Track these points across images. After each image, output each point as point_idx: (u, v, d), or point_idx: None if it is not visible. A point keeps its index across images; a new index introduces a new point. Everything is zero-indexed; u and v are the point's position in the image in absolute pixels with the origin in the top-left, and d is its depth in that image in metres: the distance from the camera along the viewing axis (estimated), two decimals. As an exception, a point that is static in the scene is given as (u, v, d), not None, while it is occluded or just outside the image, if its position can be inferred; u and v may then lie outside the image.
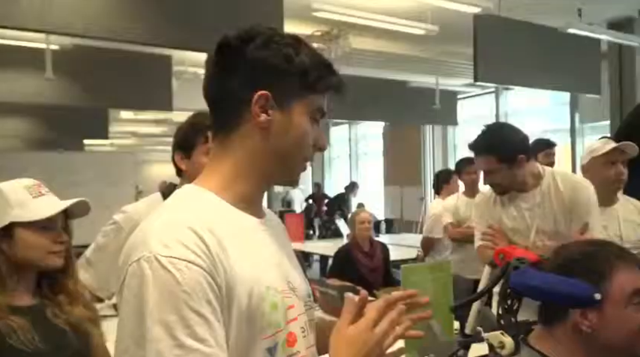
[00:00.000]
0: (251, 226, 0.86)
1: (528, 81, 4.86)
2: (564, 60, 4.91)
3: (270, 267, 0.85)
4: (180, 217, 0.79)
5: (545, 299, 1.11)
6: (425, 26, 4.50)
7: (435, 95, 6.60)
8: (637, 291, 1.06)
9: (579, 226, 2.03)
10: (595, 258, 1.08)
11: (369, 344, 0.81)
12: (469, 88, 7.84)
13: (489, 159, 2.09)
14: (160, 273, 0.72)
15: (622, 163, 2.41)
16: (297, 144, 0.87)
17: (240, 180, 0.87)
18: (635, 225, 2.48)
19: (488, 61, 4.33)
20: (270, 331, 0.80)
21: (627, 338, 1.06)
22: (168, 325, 0.70)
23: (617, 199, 2.51)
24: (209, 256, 0.75)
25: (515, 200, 2.14)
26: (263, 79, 0.84)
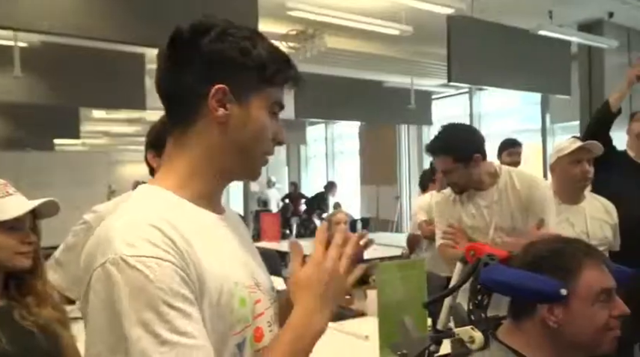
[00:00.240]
0: (212, 223, 0.86)
1: (501, 82, 4.94)
2: (535, 61, 5.01)
3: (236, 263, 0.85)
4: (141, 216, 0.77)
5: (514, 294, 1.13)
6: (399, 26, 4.54)
7: (410, 95, 6.66)
8: (604, 290, 1.09)
9: (535, 223, 2.09)
10: (563, 255, 1.11)
11: (324, 274, 0.84)
12: (443, 89, 7.93)
13: (446, 159, 2.15)
14: (129, 273, 0.70)
15: (588, 162, 2.48)
16: (256, 138, 0.86)
17: (198, 177, 0.85)
18: (602, 222, 2.55)
19: (461, 61, 4.39)
20: (240, 327, 0.80)
21: (592, 334, 1.09)
22: (147, 323, 0.69)
23: (584, 197, 2.58)
24: (177, 252, 0.74)
25: (473, 198, 2.20)
26: (219, 72, 0.83)
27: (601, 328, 1.09)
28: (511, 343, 1.15)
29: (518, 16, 4.76)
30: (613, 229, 2.54)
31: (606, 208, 2.60)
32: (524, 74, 4.97)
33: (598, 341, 1.10)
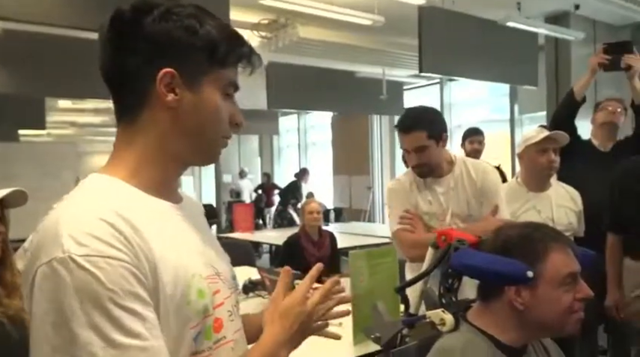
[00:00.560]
0: (166, 212, 0.82)
1: (470, 72, 5.02)
2: (504, 52, 5.10)
3: (193, 253, 0.81)
4: (90, 208, 0.72)
5: (483, 277, 1.17)
6: (371, 17, 4.55)
7: (382, 85, 6.70)
8: (570, 274, 1.13)
9: (489, 209, 2.17)
10: (532, 240, 1.15)
11: (302, 316, 0.86)
12: (415, 79, 8.00)
13: (420, 135, 2.16)
14: (79, 274, 0.67)
15: (554, 151, 2.56)
16: (210, 122, 0.83)
17: (150, 165, 0.82)
18: (567, 209, 2.64)
19: (432, 52, 4.43)
20: (197, 319, 0.78)
21: (557, 316, 1.14)
22: (97, 326, 0.66)
23: (550, 185, 2.66)
24: (129, 247, 0.70)
25: (430, 185, 2.24)
26: (166, 55, 0.78)
27: (565, 310, 1.13)
28: (480, 324, 1.19)
29: (487, 7, 4.83)
30: (577, 216, 2.63)
31: (571, 195, 2.68)
32: (493, 65, 5.06)
33: (562, 323, 1.15)
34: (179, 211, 0.85)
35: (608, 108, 3.09)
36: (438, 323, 1.16)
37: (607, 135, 3.09)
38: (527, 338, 1.20)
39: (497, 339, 1.17)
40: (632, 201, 2.53)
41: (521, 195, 2.62)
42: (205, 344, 0.79)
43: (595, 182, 2.77)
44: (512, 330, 1.17)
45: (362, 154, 9.09)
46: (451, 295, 1.19)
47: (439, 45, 4.49)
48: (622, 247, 2.57)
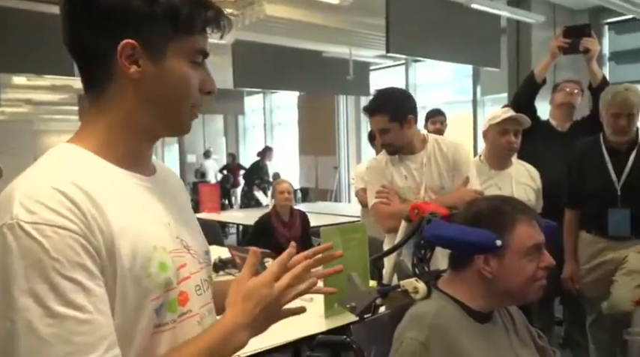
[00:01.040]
0: (134, 185, 0.81)
1: (436, 54, 5.09)
2: (468, 34, 5.18)
3: (158, 226, 0.81)
4: (46, 178, 0.72)
5: (455, 247, 1.24)
6: (339, -4, 4.56)
7: (349, 66, 6.72)
8: (535, 244, 1.21)
9: (461, 181, 2.31)
10: (501, 212, 1.22)
11: (267, 299, 0.80)
12: (381, 60, 8.04)
13: (382, 118, 2.30)
14: (25, 241, 0.67)
15: (514, 133, 2.68)
16: (177, 92, 0.81)
17: (120, 138, 0.81)
18: (526, 186, 2.76)
19: (399, 33, 4.47)
20: (159, 291, 0.77)
21: (522, 284, 1.22)
22: (37, 294, 0.66)
23: (511, 163, 2.78)
24: (81, 218, 0.70)
25: (404, 162, 2.38)
26: (125, 26, 0.76)
27: (530, 278, 1.22)
28: (450, 292, 1.27)
29: (452, -11, 4.89)
30: (536, 193, 2.76)
31: (531, 173, 2.81)
32: (457, 47, 5.14)
33: (527, 290, 1.23)
34: (149, 184, 0.84)
35: (566, 89, 3.22)
36: (412, 291, 1.23)
37: (564, 115, 3.22)
38: (494, 305, 1.28)
39: (466, 305, 1.24)
40: (587, 178, 2.67)
41: (484, 172, 2.73)
42: (169, 317, 0.79)
43: (553, 160, 2.90)
44: (480, 297, 1.25)
45: (328, 134, 9.13)
46: (424, 265, 1.26)
47: (406, 26, 4.53)
48: (578, 222, 2.71)
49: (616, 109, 2.51)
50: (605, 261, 2.60)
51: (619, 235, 2.55)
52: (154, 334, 0.78)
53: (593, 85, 3.11)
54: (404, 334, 1.18)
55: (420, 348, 1.14)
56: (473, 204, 1.28)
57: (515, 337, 1.30)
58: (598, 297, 2.60)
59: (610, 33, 6.18)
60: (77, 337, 0.67)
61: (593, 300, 2.67)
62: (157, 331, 0.78)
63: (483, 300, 1.25)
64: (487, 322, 1.26)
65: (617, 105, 2.50)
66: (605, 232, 2.58)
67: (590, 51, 3.13)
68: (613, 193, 2.56)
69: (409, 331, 1.18)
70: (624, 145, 2.57)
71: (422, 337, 1.15)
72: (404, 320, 1.22)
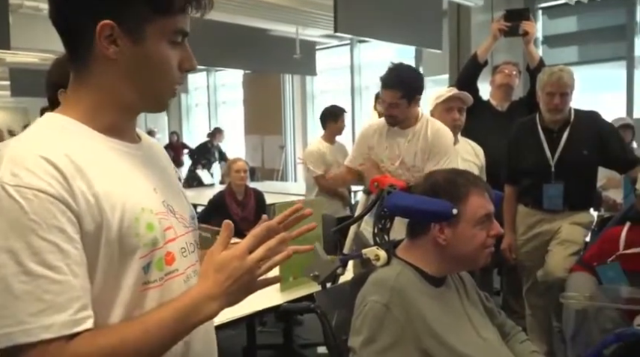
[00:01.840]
0: (120, 152, 0.85)
1: (382, 34, 5.17)
2: (412, 16, 5.29)
3: (144, 190, 0.84)
4: (33, 145, 0.76)
5: (414, 216, 1.32)
6: (287, -26, 4.53)
7: (296, 45, 6.71)
8: (486, 215, 1.32)
9: (434, 163, 2.45)
10: (455, 183, 1.31)
11: (240, 271, 0.81)
12: (326, 39, 8.07)
13: (395, 93, 2.46)
14: (6, 202, 0.70)
15: (458, 111, 2.82)
16: (157, 72, 0.83)
17: (103, 111, 0.84)
18: (471, 163, 2.92)
19: (347, 13, 4.52)
20: (146, 250, 0.81)
21: (472, 251, 1.33)
22: (14, 252, 0.69)
23: (457, 141, 2.92)
24: (62, 184, 0.73)
25: (392, 134, 2.56)
26: (103, 7, 0.78)
27: (480, 245, 1.33)
28: (408, 258, 1.36)
29: (397, -30, 4.97)
30: (480, 170, 2.92)
31: (475, 151, 2.97)
32: (402, 28, 5.24)
33: (477, 256, 1.34)
34: (134, 151, 0.88)
35: (505, 71, 3.40)
36: (373, 259, 1.31)
37: (504, 96, 3.40)
38: (447, 270, 1.38)
39: (422, 270, 1.34)
40: (524, 155, 2.85)
41: (432, 150, 2.86)
42: (156, 274, 0.83)
43: (493, 138, 3.07)
44: (435, 263, 1.35)
45: (274, 114, 9.11)
46: (384, 234, 1.34)
47: (353, 6, 4.58)
48: (516, 197, 2.89)
49: (551, 88, 2.67)
50: (540, 232, 2.80)
51: (553, 208, 2.75)
52: (143, 291, 0.81)
53: (530, 67, 3.30)
54: (367, 297, 1.26)
55: (382, 309, 1.22)
56: (430, 176, 1.37)
57: (466, 299, 1.41)
58: (534, 266, 2.80)
59: (543, 17, 6.49)
60: (48, 296, 0.70)
61: (529, 269, 2.87)
62: (145, 287, 0.82)
63: (437, 265, 1.35)
64: (441, 286, 1.37)
65: (551, 84, 2.67)
66: (541, 206, 2.77)
67: (528, 34, 3.30)
68: (547, 169, 2.74)
69: (372, 294, 1.26)
70: (558, 124, 2.76)
71: (384, 300, 1.23)
72: (366, 285, 1.30)
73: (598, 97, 6.12)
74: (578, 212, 2.76)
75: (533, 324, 2.88)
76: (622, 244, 2.24)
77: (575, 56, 6.37)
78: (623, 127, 3.87)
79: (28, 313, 0.69)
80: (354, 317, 1.28)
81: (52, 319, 0.70)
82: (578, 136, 2.72)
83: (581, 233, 2.74)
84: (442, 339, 1.24)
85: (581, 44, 6.39)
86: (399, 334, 1.22)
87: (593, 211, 3.08)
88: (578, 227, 2.73)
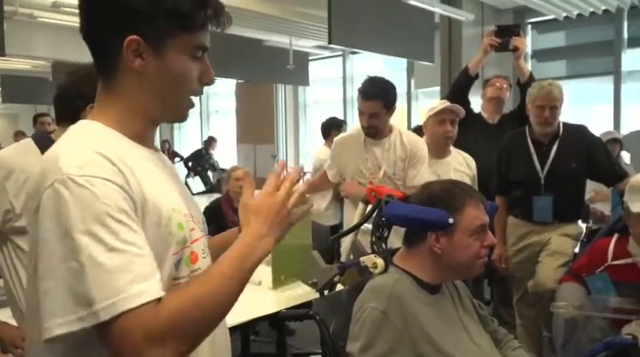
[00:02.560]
0: (149, 157, 0.92)
1: (375, 46, 5.25)
2: (404, 29, 5.37)
3: (173, 193, 0.92)
4: (86, 144, 0.82)
5: (411, 225, 1.36)
6: (282, -14, 4.59)
7: (289, 55, 6.76)
8: (481, 226, 1.36)
9: (414, 171, 2.61)
10: (452, 194, 1.36)
11: (275, 207, 0.89)
12: (319, 51, 8.14)
13: (377, 104, 2.57)
14: (77, 191, 0.76)
15: (451, 123, 2.88)
16: (176, 84, 0.89)
17: (130, 119, 0.90)
18: (463, 174, 2.97)
19: (341, 25, 4.58)
20: (177, 247, 0.87)
21: (467, 260, 1.37)
22: (94, 233, 0.75)
23: (450, 153, 2.97)
24: (120, 176, 0.80)
25: (369, 145, 2.67)
26: (130, 23, 0.84)
27: (474, 255, 1.37)
28: (404, 266, 1.39)
29: (389, -16, 5.05)
30: (472, 180, 2.97)
31: (467, 161, 3.02)
32: (395, 40, 5.32)
33: (471, 265, 1.38)
34: (157, 159, 0.95)
35: (496, 84, 3.47)
36: (371, 267, 1.34)
37: (494, 109, 3.47)
38: (442, 278, 1.42)
39: (418, 278, 1.37)
40: (514, 168, 2.90)
41: (424, 161, 2.91)
42: (185, 271, 0.89)
43: (484, 150, 3.13)
44: (430, 271, 1.38)
45: (267, 123, 9.13)
46: (381, 242, 1.38)
47: (347, 18, 4.65)
48: (506, 208, 2.94)
49: (541, 101, 2.74)
50: (530, 243, 2.85)
51: (543, 219, 2.80)
52: (172, 286, 0.87)
53: (521, 81, 3.37)
54: (365, 303, 1.29)
55: (380, 316, 1.26)
56: (427, 187, 1.41)
57: (460, 307, 1.44)
58: (524, 276, 2.85)
59: (533, 32, 6.61)
60: (135, 267, 0.77)
61: (519, 279, 2.91)
62: (175, 283, 0.88)
63: (433, 273, 1.39)
64: (437, 294, 1.40)
65: (541, 97, 2.74)
66: (531, 217, 2.83)
67: (518, 49, 3.38)
68: (537, 181, 2.80)
69: (370, 301, 1.29)
70: (547, 137, 2.82)
71: (382, 306, 1.27)
72: (364, 292, 1.33)
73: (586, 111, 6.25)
74: (567, 224, 2.82)
75: (524, 334, 2.92)
76: (610, 256, 2.29)
77: (564, 70, 6.50)
78: (611, 141, 3.95)
79: (122, 283, 0.75)
80: (352, 323, 1.31)
81: (142, 287, 0.76)
82: (567, 150, 2.78)
83: (570, 245, 2.79)
84: (438, 345, 1.27)
85: (569, 59, 6.52)
86: (397, 340, 1.25)
87: (581, 223, 3.14)
88: (567, 239, 2.79)
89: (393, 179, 2.61)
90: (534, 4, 5.42)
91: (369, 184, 2.56)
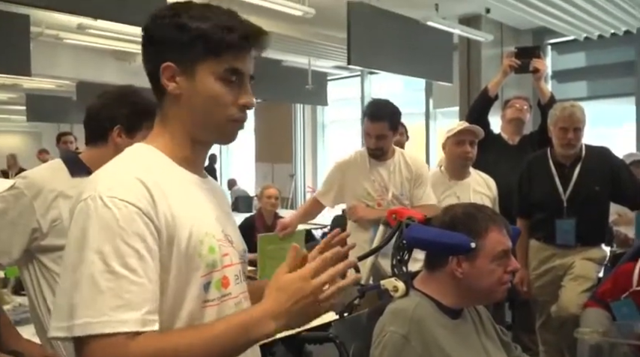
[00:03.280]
0: (193, 182, 0.96)
1: (394, 67, 5.27)
2: (423, 49, 5.40)
3: (209, 218, 0.94)
4: (128, 168, 0.89)
5: (432, 248, 1.34)
6: (302, 8, 4.66)
7: (308, 75, 6.83)
8: (504, 251, 1.34)
9: (421, 190, 2.65)
10: (475, 218, 1.34)
11: (302, 292, 0.82)
12: (337, 71, 8.22)
13: (384, 125, 2.61)
14: (102, 210, 0.82)
15: (470, 144, 2.85)
16: (209, 106, 0.93)
17: (179, 144, 0.96)
18: (483, 195, 2.93)
19: (360, 46, 4.63)
20: (206, 270, 0.89)
21: (490, 286, 1.34)
22: (102, 253, 0.79)
23: (469, 174, 2.95)
24: (149, 201, 0.84)
25: (375, 167, 2.70)
26: (164, 52, 0.92)
27: (497, 281, 1.34)
28: (425, 290, 1.37)
29: (408, 7, 5.10)
30: (492, 202, 2.93)
31: (487, 183, 2.99)
32: (413, 61, 5.35)
33: (494, 291, 1.36)
34: (203, 184, 0.99)
35: (516, 105, 3.44)
36: (392, 290, 1.33)
37: (515, 130, 3.44)
38: (463, 303, 1.39)
39: (439, 302, 1.35)
40: (536, 190, 2.86)
41: (444, 182, 2.89)
42: (215, 294, 0.91)
43: (505, 172, 3.10)
44: (451, 295, 1.36)
45: (285, 142, 9.19)
46: (402, 265, 1.36)
47: (366, 39, 4.69)
48: (528, 231, 2.90)
49: (563, 123, 2.71)
50: (553, 267, 2.80)
51: (566, 243, 2.75)
52: (203, 308, 0.90)
53: (542, 103, 3.34)
54: (386, 327, 1.27)
55: (401, 340, 1.24)
56: (449, 210, 1.40)
57: (482, 332, 1.42)
58: (547, 301, 2.79)
59: (553, 53, 6.59)
60: (127, 295, 0.79)
61: (542, 304, 2.85)
62: (205, 305, 0.90)
63: (454, 298, 1.37)
64: (458, 318, 1.38)
65: (564, 119, 2.71)
66: (553, 240, 2.78)
67: (539, 71, 3.36)
68: (560, 204, 2.76)
69: (391, 324, 1.27)
70: (570, 159, 2.78)
71: (403, 331, 1.25)
72: (385, 315, 1.32)
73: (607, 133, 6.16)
74: (590, 248, 2.76)
75: (547, 360, 2.85)
76: (635, 281, 2.24)
77: (585, 91, 6.44)
78: (635, 163, 3.88)
79: (109, 307, 0.78)
80: (372, 347, 1.29)
81: (128, 315, 0.78)
82: (590, 172, 2.74)
83: (594, 269, 2.73)
84: (460, 371, 1.25)
85: (590, 79, 6.47)
86: (418, 365, 1.23)
87: (605, 246, 3.08)
88: (591, 263, 2.73)
89: (400, 200, 2.63)
90: (554, 25, 5.41)
91: (377, 206, 2.60)
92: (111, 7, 3.27)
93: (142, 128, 1.52)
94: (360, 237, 2.50)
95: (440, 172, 2.93)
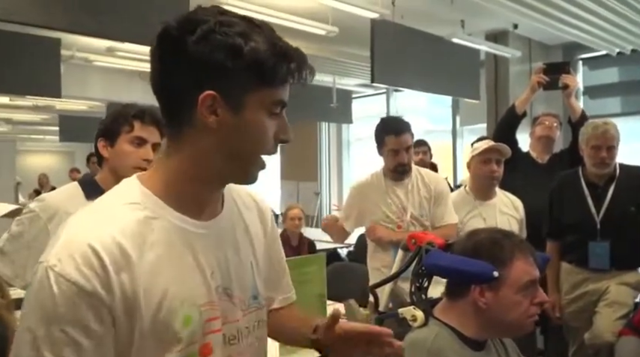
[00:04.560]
0: (185, 233, 0.82)
1: (418, 84, 5.21)
2: (449, 66, 5.33)
3: (195, 279, 0.82)
4: (90, 228, 0.76)
5: (453, 276, 1.27)
6: (326, 27, 4.66)
7: (333, 94, 6.82)
8: (531, 282, 1.25)
9: (443, 209, 2.58)
10: (500, 246, 1.26)
11: None
12: (362, 89, 8.19)
13: (409, 135, 2.61)
14: (44, 285, 0.73)
15: (496, 163, 2.76)
16: (253, 143, 0.82)
17: (187, 181, 0.82)
18: (510, 217, 2.83)
19: (383, 64, 4.59)
20: (180, 345, 0.78)
21: (515, 318, 1.25)
22: (35, 336, 0.72)
23: (495, 194, 2.85)
24: (101, 277, 0.73)
25: (391, 187, 2.63)
26: (208, 77, 0.77)
27: (523, 313, 1.26)
28: (446, 319, 1.30)
29: (433, 24, 5.05)
30: (519, 223, 2.83)
31: (514, 204, 2.88)
32: (439, 78, 5.28)
33: (520, 324, 1.28)
34: (203, 230, 0.84)
35: (545, 123, 3.34)
36: (410, 319, 1.26)
37: (544, 148, 3.33)
38: (487, 335, 1.31)
39: (461, 333, 1.28)
40: (567, 211, 2.75)
41: (469, 202, 2.80)
42: None
43: (533, 191, 2.98)
44: (474, 326, 1.28)
45: (310, 160, 9.18)
46: (421, 293, 1.29)
47: (390, 57, 4.65)
48: (559, 253, 2.78)
49: (596, 141, 2.60)
50: (586, 292, 2.67)
51: (599, 267, 2.62)
52: None
53: (572, 120, 3.23)
54: (404, 360, 1.20)
55: (419, 374, 1.17)
56: (473, 235, 1.32)
57: (508, 366, 1.33)
58: (580, 327, 2.66)
59: (584, 68, 6.42)
60: None
61: (575, 330, 2.72)
62: None
63: (477, 329, 1.29)
64: (481, 350, 1.30)
65: (597, 137, 2.60)
66: (586, 264, 2.65)
67: (569, 87, 3.25)
68: (593, 225, 2.64)
69: (409, 356, 1.20)
70: (603, 179, 2.67)
71: (421, 364, 1.18)
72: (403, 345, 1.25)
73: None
74: (626, 272, 2.63)
75: (580, 390, 2.70)
76: (675, 308, 2.11)
77: (618, 107, 6.25)
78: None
79: None
80: (389, 380, 1.22)
81: None
82: (625, 192, 2.62)
83: (630, 294, 2.60)
84: (483, 408, 1.16)
85: (623, 95, 6.28)
86: (437, 400, 1.15)
87: (641, 270, 2.93)
88: (626, 288, 2.60)
89: (420, 220, 2.55)
90: (585, 40, 5.27)
91: (397, 229, 2.52)
92: (137, 30, 3.32)
93: (120, 132, 1.56)
94: (379, 258, 2.45)
95: (465, 192, 2.84)
